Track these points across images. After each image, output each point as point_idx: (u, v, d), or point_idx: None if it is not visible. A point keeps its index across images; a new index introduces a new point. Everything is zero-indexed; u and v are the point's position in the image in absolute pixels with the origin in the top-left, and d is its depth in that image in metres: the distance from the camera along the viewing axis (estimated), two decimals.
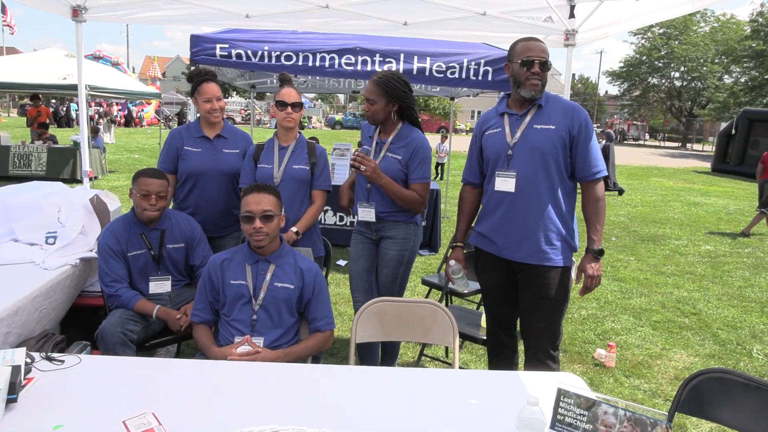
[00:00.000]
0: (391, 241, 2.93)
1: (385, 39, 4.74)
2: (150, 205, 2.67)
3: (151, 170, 2.78)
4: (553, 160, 2.38)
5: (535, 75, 2.37)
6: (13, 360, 1.60)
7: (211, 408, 1.61)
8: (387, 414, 1.63)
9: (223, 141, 3.16)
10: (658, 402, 3.29)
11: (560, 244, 2.44)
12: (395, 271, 2.96)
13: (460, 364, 3.53)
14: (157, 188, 2.69)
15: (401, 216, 2.90)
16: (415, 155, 2.85)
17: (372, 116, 2.86)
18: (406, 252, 2.95)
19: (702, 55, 37.20)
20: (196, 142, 3.12)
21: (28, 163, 10.82)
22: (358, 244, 3.07)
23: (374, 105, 2.82)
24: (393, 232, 2.92)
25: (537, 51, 2.38)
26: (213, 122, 3.12)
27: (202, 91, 3.06)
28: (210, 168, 3.08)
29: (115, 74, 12.61)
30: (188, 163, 3.09)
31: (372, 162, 2.78)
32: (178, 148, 3.12)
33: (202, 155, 3.10)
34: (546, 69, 2.38)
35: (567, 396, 1.37)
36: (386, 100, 2.81)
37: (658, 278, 6.01)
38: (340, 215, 6.52)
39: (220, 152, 3.13)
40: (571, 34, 4.00)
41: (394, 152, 2.86)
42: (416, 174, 2.86)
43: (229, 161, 3.13)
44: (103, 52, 26.64)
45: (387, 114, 2.85)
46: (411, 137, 2.88)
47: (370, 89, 2.83)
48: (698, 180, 17.66)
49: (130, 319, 2.58)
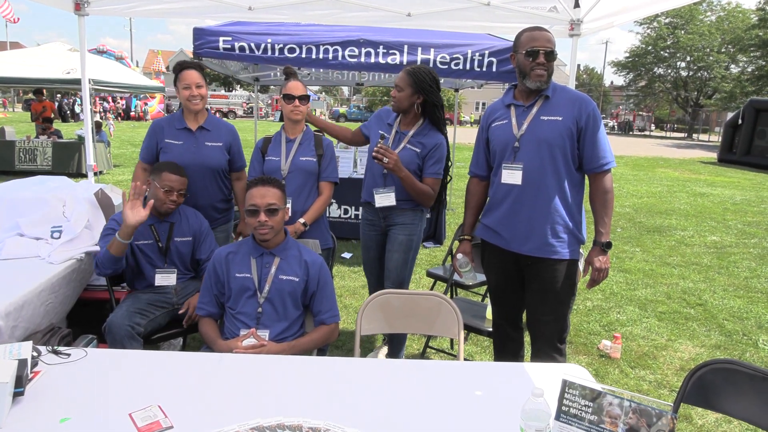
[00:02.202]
0: (400, 227, 3.01)
1: (389, 30, 4.71)
2: (170, 201, 2.71)
3: (174, 165, 2.78)
4: (560, 151, 2.36)
5: (540, 65, 2.34)
6: (20, 353, 1.61)
7: (217, 400, 1.61)
8: (392, 406, 1.63)
9: (206, 133, 3.06)
10: (664, 393, 3.28)
11: (567, 236, 2.42)
12: (405, 256, 3.02)
13: (465, 356, 3.53)
14: (180, 186, 2.73)
15: (408, 204, 2.98)
16: (433, 152, 2.91)
17: (397, 103, 2.90)
18: (414, 236, 3.04)
19: (708, 45, 36.89)
20: (178, 134, 3.03)
21: (33, 158, 10.85)
22: (367, 233, 3.17)
23: (401, 92, 2.87)
24: (401, 219, 3.01)
25: (542, 41, 2.35)
26: (193, 110, 3.01)
27: (181, 78, 2.96)
28: (191, 161, 2.96)
29: (119, 68, 12.59)
30: (169, 156, 2.98)
31: (394, 155, 2.79)
32: (158, 141, 3.05)
33: (183, 148, 3.00)
34: (552, 59, 2.35)
35: (572, 387, 1.37)
36: (412, 90, 2.86)
37: (664, 269, 5.99)
38: (345, 208, 6.52)
39: (202, 145, 3.03)
40: (576, 24, 3.96)
41: (413, 145, 2.90)
42: (432, 169, 2.92)
43: (211, 155, 3.04)
44: (107, 47, 26.57)
45: (411, 104, 2.89)
46: (432, 134, 2.94)
47: (400, 76, 2.88)
48: (704, 170, 17.55)
49: (137, 312, 2.59)
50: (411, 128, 2.94)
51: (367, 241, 3.18)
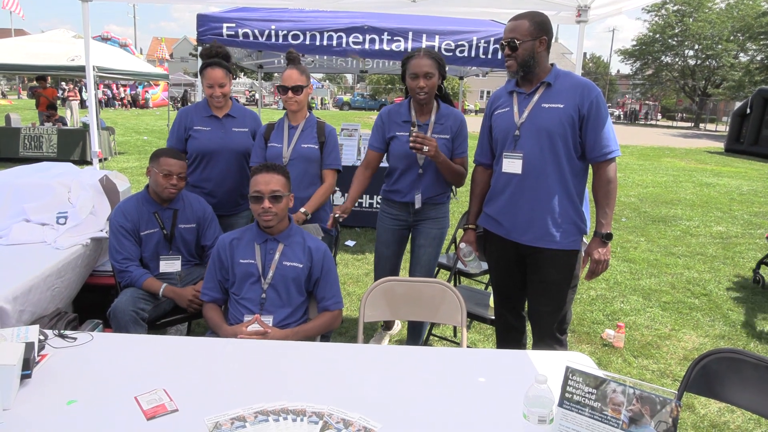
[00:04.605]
0: (432, 221, 3.00)
1: (393, 17, 4.68)
2: (171, 185, 2.71)
3: (171, 150, 2.81)
4: (561, 140, 2.32)
5: (507, 57, 2.36)
6: (27, 337, 1.63)
7: (221, 385, 1.63)
8: (395, 391, 1.64)
9: (232, 120, 3.16)
10: (667, 382, 3.29)
11: (568, 226, 2.39)
12: (437, 250, 3.04)
13: (468, 343, 3.54)
14: (179, 169, 2.73)
15: (441, 198, 2.98)
16: (460, 131, 2.90)
17: (430, 92, 2.77)
18: (445, 230, 3.05)
19: (717, 33, 36.41)
20: (206, 121, 3.12)
21: (39, 145, 10.87)
22: (389, 229, 3.07)
23: (431, 78, 2.74)
24: (433, 213, 2.99)
25: (506, 32, 2.36)
26: (216, 106, 3.12)
27: (205, 76, 3.05)
28: (220, 146, 3.08)
29: (123, 55, 12.56)
30: (198, 142, 3.09)
31: (433, 141, 2.68)
32: (187, 127, 3.11)
33: (212, 134, 3.09)
34: (514, 48, 2.32)
35: (575, 374, 1.37)
36: (438, 74, 2.78)
37: (669, 259, 5.97)
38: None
39: (230, 131, 3.13)
40: (583, 10, 3.92)
41: (440, 133, 2.85)
42: (460, 149, 2.93)
43: (238, 140, 3.13)
44: (111, 34, 26.55)
45: (436, 89, 2.83)
46: (452, 114, 2.90)
47: (425, 63, 2.71)
48: (711, 160, 17.43)
49: (142, 298, 2.61)
50: (430, 116, 2.86)
51: (388, 236, 3.07)
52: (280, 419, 1.46)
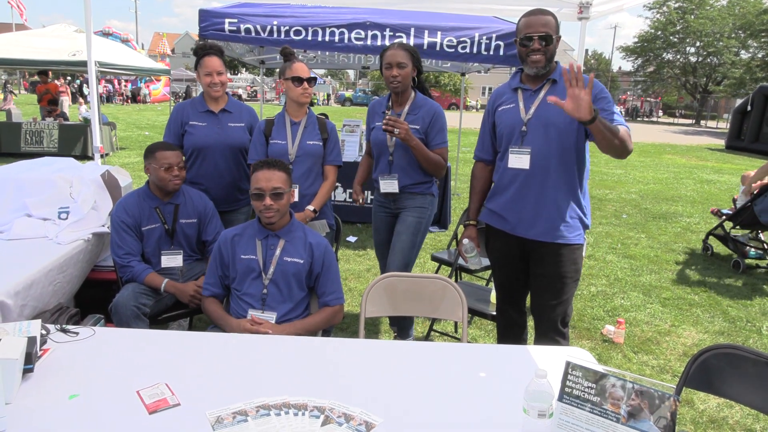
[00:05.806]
0: (410, 210, 3.05)
1: (396, 13, 4.67)
2: (174, 176, 2.73)
3: (164, 143, 2.81)
4: (567, 135, 2.33)
5: (535, 51, 2.30)
6: (29, 331, 1.63)
7: (223, 379, 1.63)
8: (396, 386, 1.65)
9: (228, 115, 3.15)
10: (666, 378, 3.30)
11: (574, 221, 2.41)
12: (413, 238, 3.05)
13: (469, 339, 3.55)
14: (177, 159, 2.74)
15: (419, 188, 3.02)
16: (433, 123, 2.94)
17: (403, 81, 2.90)
18: (424, 220, 3.07)
19: (718, 30, 36.27)
20: (202, 116, 3.10)
21: (40, 140, 10.86)
22: (378, 216, 3.21)
23: (405, 69, 2.88)
24: (411, 202, 3.05)
25: (536, 26, 2.30)
26: (214, 96, 3.09)
27: (203, 65, 3.04)
28: (216, 142, 3.07)
29: (124, 50, 12.55)
30: (194, 137, 3.08)
31: (404, 124, 2.80)
32: (183, 122, 3.10)
33: (208, 129, 3.08)
34: (549, 42, 2.30)
35: (575, 369, 1.37)
36: (412, 65, 2.90)
37: (669, 255, 5.97)
38: (350, 192, 6.51)
39: (226, 126, 3.12)
40: (585, 6, 3.90)
41: (412, 123, 2.91)
42: (437, 139, 2.96)
43: (235, 135, 3.12)
44: (112, 29, 26.55)
45: (410, 80, 2.93)
46: (427, 105, 2.97)
47: (399, 54, 2.87)
48: (711, 157, 17.41)
49: (143, 293, 2.62)
50: (404, 106, 2.97)
51: (378, 223, 3.22)
52: (281, 413, 1.47)
